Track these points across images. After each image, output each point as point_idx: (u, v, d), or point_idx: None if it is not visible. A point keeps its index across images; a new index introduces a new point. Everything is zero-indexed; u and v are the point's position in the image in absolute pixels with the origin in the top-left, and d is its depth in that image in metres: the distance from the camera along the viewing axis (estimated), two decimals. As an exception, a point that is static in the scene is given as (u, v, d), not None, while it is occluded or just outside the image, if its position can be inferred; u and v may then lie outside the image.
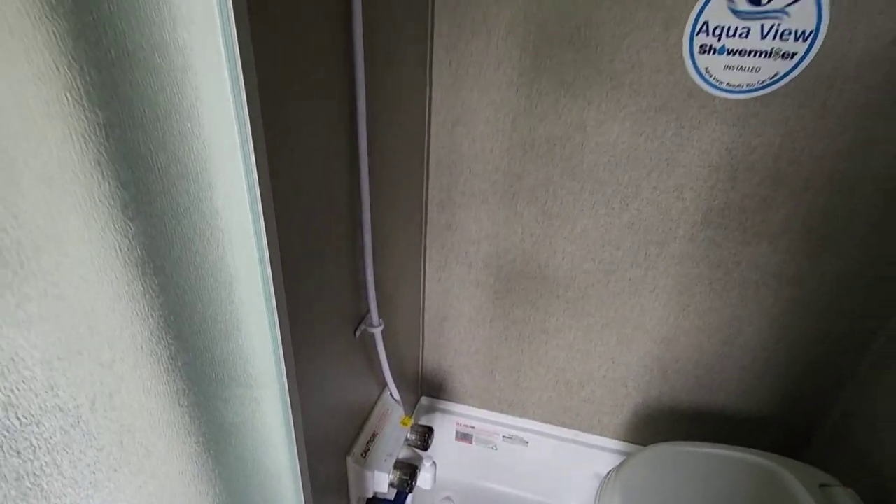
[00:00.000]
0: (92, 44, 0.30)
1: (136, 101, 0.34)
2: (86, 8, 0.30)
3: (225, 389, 0.44)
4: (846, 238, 0.94)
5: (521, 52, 0.93)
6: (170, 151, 0.36)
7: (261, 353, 0.44)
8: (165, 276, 0.38)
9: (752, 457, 1.00)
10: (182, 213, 0.37)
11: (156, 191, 0.36)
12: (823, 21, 0.79)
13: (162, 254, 0.36)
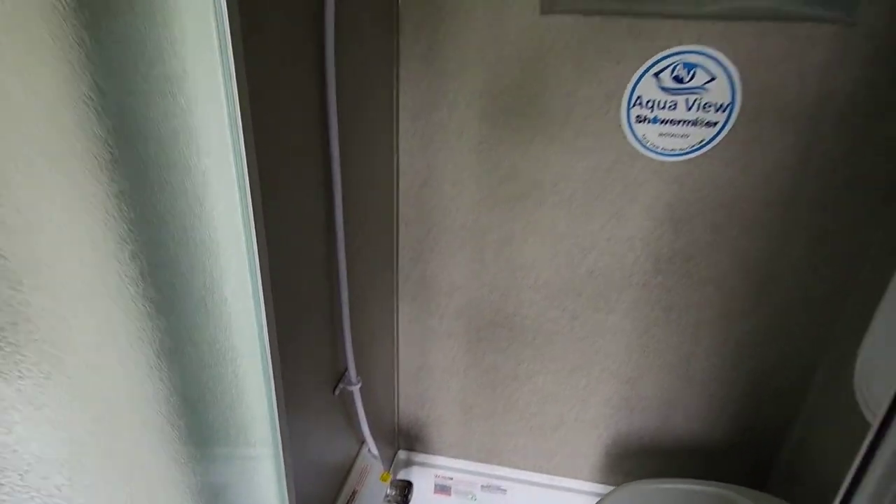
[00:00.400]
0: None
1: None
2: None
3: (223, 449, 0.47)
4: (781, 278, 1.04)
5: (481, 121, 1.03)
6: (181, 241, 0.40)
7: (258, 416, 0.47)
8: (182, 354, 0.41)
9: (715, 489, 1.05)
10: (198, 306, 0.41)
11: (172, 284, 0.41)
12: (737, 95, 0.91)
13: (177, 338, 0.40)
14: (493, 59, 0.97)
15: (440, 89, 1.01)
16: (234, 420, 0.47)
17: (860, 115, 0.89)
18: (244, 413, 0.47)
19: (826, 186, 0.95)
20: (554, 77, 0.96)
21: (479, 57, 0.98)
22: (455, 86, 1.01)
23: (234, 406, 0.46)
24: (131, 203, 0.35)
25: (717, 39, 0.89)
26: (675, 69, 0.93)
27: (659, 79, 0.94)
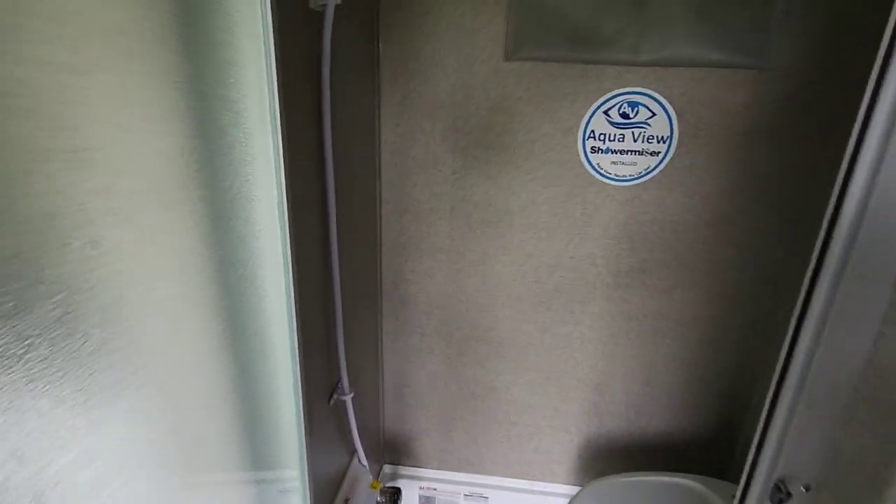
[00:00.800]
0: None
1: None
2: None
3: (267, 473, 0.54)
4: (723, 288, 1.17)
5: (454, 154, 1.14)
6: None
7: (290, 441, 0.55)
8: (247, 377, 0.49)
9: (679, 480, 1.15)
10: (257, 359, 0.49)
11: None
12: (675, 129, 1.05)
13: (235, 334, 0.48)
14: (464, 99, 1.09)
15: (417, 127, 1.13)
16: (271, 445, 0.54)
17: (777, 144, 1.04)
18: (280, 437, 0.55)
19: (754, 209, 1.09)
20: (518, 115, 1.09)
21: (450, 98, 1.10)
22: (430, 124, 1.12)
23: (273, 429, 0.54)
24: (209, 207, 0.42)
25: (655, 82, 1.03)
26: (621, 107, 1.06)
27: (608, 115, 1.07)
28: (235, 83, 0.37)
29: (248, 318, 0.49)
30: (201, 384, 0.44)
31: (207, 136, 0.35)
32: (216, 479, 0.47)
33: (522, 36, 1.02)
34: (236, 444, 0.52)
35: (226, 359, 0.47)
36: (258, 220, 0.45)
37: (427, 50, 1.07)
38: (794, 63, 0.99)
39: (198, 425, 0.44)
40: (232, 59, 0.36)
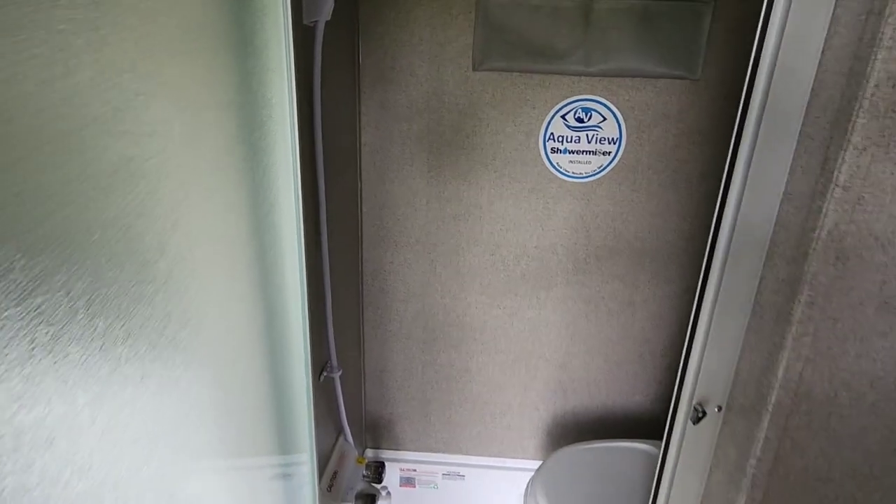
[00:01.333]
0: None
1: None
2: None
3: (284, 458, 0.63)
4: (668, 270, 1.33)
5: (429, 154, 1.26)
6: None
7: (303, 423, 0.64)
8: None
9: (636, 445, 1.29)
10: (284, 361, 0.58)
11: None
12: (623, 132, 1.20)
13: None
14: (437, 105, 1.22)
15: (395, 129, 1.24)
16: (286, 428, 0.63)
17: (707, 143, 1.20)
18: (294, 420, 0.64)
19: (689, 199, 1.25)
20: (485, 119, 1.22)
21: (425, 104, 1.22)
22: (407, 126, 1.24)
23: (291, 419, 0.63)
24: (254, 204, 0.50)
25: (604, 91, 1.18)
26: (576, 112, 1.21)
27: (565, 119, 1.21)
28: (270, 83, 0.47)
29: (274, 301, 0.58)
30: (241, 366, 0.52)
31: (251, 128, 0.45)
32: (245, 463, 0.54)
33: (488, 49, 1.15)
34: (264, 424, 0.60)
35: (258, 340, 0.56)
36: (281, 208, 0.55)
37: (403, 60, 1.19)
38: (719, 75, 1.15)
39: (237, 409, 0.52)
40: (267, 66, 0.46)
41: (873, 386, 0.53)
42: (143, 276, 0.30)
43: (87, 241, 0.25)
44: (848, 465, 0.57)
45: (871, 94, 0.44)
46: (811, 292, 0.50)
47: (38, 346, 0.23)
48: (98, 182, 0.26)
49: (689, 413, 0.65)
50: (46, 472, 0.24)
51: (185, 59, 0.34)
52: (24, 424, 0.23)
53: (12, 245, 0.21)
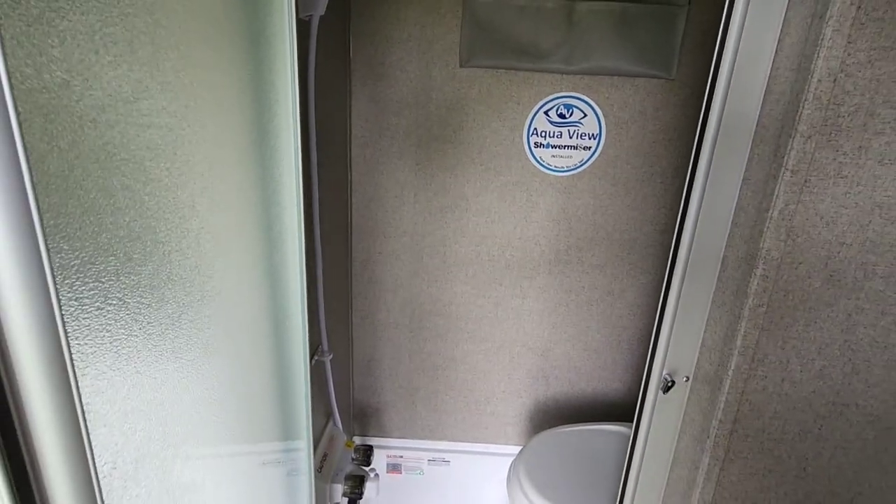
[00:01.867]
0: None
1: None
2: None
3: (284, 444, 0.66)
4: (643, 261, 1.39)
5: (417, 147, 1.30)
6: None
7: (299, 413, 0.67)
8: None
9: (613, 427, 1.35)
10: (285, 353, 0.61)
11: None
12: (603, 128, 1.26)
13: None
14: (425, 100, 1.26)
15: (384, 123, 1.28)
16: (293, 424, 0.67)
17: (681, 140, 1.27)
18: (295, 407, 0.67)
19: (665, 193, 1.32)
20: (471, 114, 1.27)
21: (413, 99, 1.26)
22: (395, 121, 1.28)
23: (293, 412, 0.66)
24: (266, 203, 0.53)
25: (585, 88, 1.24)
26: (558, 109, 1.26)
27: (548, 115, 1.27)
28: (277, 71, 0.50)
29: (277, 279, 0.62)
30: (251, 351, 0.55)
31: (261, 110, 0.48)
32: (246, 447, 0.57)
33: (474, 47, 1.20)
34: (265, 405, 0.63)
35: (266, 326, 0.59)
36: (283, 187, 0.59)
37: (392, 56, 1.23)
38: (692, 74, 1.22)
39: (246, 394, 0.55)
40: (274, 56, 0.50)
41: (820, 353, 0.59)
42: (182, 229, 0.34)
43: (143, 190, 0.29)
44: (799, 426, 0.63)
45: (815, 87, 0.50)
46: (765, 266, 0.56)
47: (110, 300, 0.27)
48: (149, 145, 0.30)
49: (660, 383, 0.71)
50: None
51: (213, 49, 0.38)
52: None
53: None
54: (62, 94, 0.22)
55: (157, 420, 0.32)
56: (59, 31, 0.22)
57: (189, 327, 0.36)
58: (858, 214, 0.54)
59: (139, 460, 0.30)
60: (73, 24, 0.22)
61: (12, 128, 0.18)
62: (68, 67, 0.22)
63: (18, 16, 0.19)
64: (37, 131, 0.20)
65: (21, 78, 0.19)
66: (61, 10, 0.22)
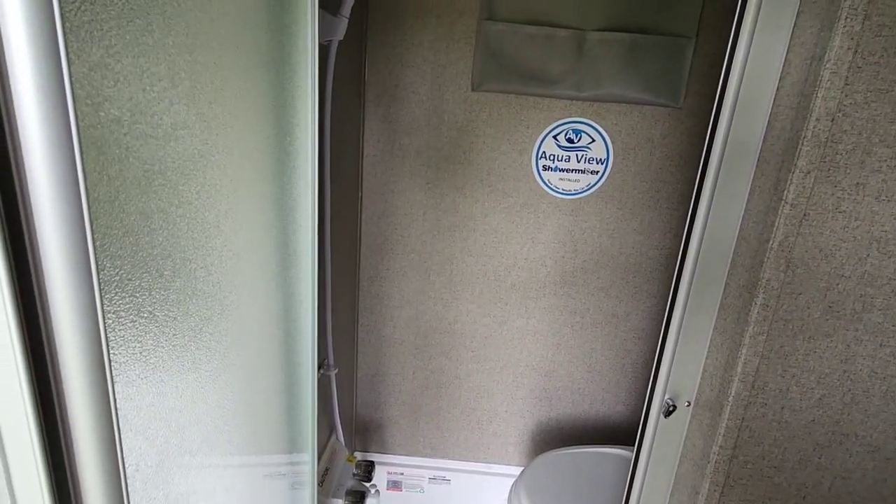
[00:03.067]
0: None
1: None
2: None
3: (290, 457, 0.68)
4: (649, 285, 1.40)
5: (427, 167, 1.33)
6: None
7: (305, 426, 0.69)
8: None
9: (615, 450, 1.35)
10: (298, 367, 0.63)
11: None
12: (610, 153, 1.29)
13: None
14: (436, 122, 1.29)
15: (396, 143, 1.31)
16: (299, 438, 0.68)
17: (688, 167, 1.29)
18: (302, 419, 0.69)
19: (671, 218, 1.33)
20: (481, 136, 1.29)
21: (425, 120, 1.29)
22: (407, 141, 1.31)
23: (301, 430, 0.68)
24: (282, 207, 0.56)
25: (594, 114, 1.26)
26: (567, 133, 1.29)
27: (557, 139, 1.29)
28: (298, 97, 0.53)
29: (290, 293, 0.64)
30: (262, 364, 0.57)
31: (283, 134, 0.51)
32: (253, 458, 0.59)
33: (486, 72, 1.24)
34: (273, 417, 0.64)
35: (277, 339, 0.61)
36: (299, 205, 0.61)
37: (406, 79, 1.27)
38: (700, 104, 1.24)
39: (256, 405, 0.57)
40: (296, 82, 0.53)
41: (820, 382, 0.60)
42: (207, 247, 0.36)
43: (176, 212, 0.32)
44: (799, 454, 0.63)
45: (814, 126, 0.52)
46: (765, 296, 0.57)
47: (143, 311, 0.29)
48: (182, 171, 0.32)
49: (662, 408, 0.71)
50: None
51: (242, 80, 0.41)
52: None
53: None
54: (113, 128, 0.24)
55: (175, 427, 0.34)
56: (114, 73, 0.24)
57: (209, 339, 0.38)
58: (856, 248, 0.55)
59: (159, 464, 0.32)
60: (126, 66, 0.25)
61: (76, 162, 0.21)
62: (119, 105, 0.25)
63: (82, 61, 0.22)
64: (91, 163, 0.22)
65: (81, 116, 0.21)
66: (117, 55, 0.24)
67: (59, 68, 0.19)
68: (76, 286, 0.22)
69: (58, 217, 0.20)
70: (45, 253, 0.21)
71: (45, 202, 0.20)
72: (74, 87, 0.20)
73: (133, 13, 0.25)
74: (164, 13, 0.28)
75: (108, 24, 0.23)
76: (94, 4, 0.22)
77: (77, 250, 0.21)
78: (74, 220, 0.21)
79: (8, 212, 0.20)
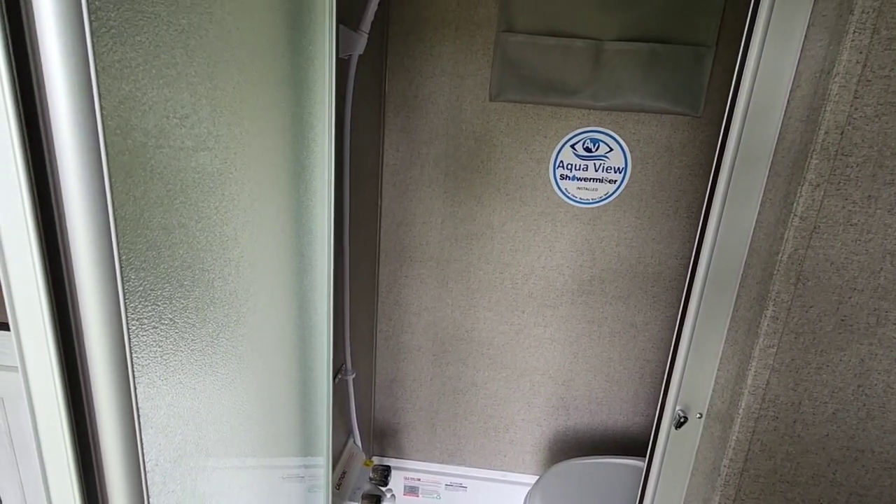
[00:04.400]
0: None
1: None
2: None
3: (305, 460, 0.70)
4: (668, 294, 1.39)
5: (445, 176, 1.35)
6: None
7: (320, 430, 0.72)
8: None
9: (631, 461, 1.34)
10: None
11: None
12: (629, 162, 1.28)
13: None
14: (455, 131, 1.31)
15: (415, 152, 1.34)
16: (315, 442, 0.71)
17: (707, 176, 1.27)
18: (317, 423, 0.71)
19: (690, 228, 1.32)
20: (499, 146, 1.31)
21: (444, 130, 1.32)
22: (426, 150, 1.33)
23: (316, 432, 0.70)
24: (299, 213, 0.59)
25: (612, 123, 1.27)
26: (585, 142, 1.29)
27: (574, 149, 1.30)
28: (316, 113, 0.56)
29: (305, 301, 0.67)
30: (279, 368, 0.60)
31: (300, 149, 0.54)
32: (271, 461, 0.61)
33: (504, 82, 1.25)
34: (290, 421, 0.67)
35: (294, 345, 0.64)
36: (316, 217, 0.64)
37: (425, 90, 1.29)
38: (719, 112, 1.23)
39: (272, 408, 0.59)
40: (314, 99, 0.55)
41: (833, 396, 0.60)
42: (225, 258, 0.39)
43: (196, 226, 0.34)
44: (813, 469, 0.62)
45: (823, 139, 0.52)
46: (775, 308, 0.57)
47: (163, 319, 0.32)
48: (202, 188, 0.35)
49: (673, 419, 0.71)
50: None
51: (261, 102, 0.43)
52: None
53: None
54: (139, 154, 0.27)
55: (193, 426, 0.37)
56: (141, 104, 0.27)
57: (226, 345, 0.40)
58: (869, 261, 0.54)
59: (176, 460, 0.34)
60: (151, 97, 0.27)
61: (105, 187, 0.23)
62: (145, 132, 0.27)
63: (113, 96, 0.24)
64: (119, 186, 0.25)
65: (111, 144, 0.24)
66: (144, 87, 0.27)
67: (92, 104, 0.22)
68: (104, 296, 0.24)
69: (88, 235, 0.23)
70: (77, 266, 0.23)
71: (78, 221, 0.23)
72: (105, 120, 0.23)
73: (159, 49, 0.28)
74: (187, 47, 0.30)
75: (136, 61, 0.26)
76: (123, 45, 0.25)
77: (105, 264, 0.24)
78: (103, 238, 0.23)
79: (47, 231, 0.22)
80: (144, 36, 0.26)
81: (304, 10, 0.51)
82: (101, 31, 0.23)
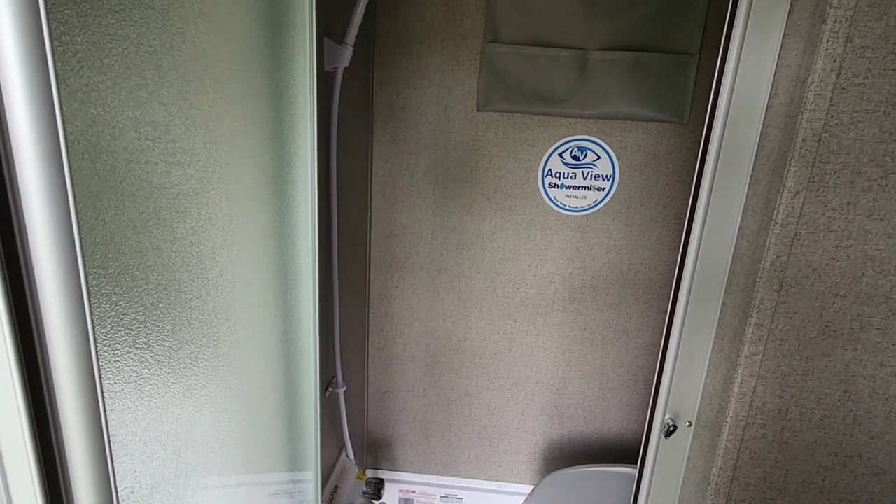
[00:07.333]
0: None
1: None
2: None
3: (293, 475, 0.70)
4: (659, 300, 1.39)
5: (434, 186, 1.35)
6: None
7: (309, 445, 0.71)
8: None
9: (626, 469, 1.33)
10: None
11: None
12: (616, 169, 1.29)
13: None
14: (443, 141, 1.32)
15: (404, 163, 1.34)
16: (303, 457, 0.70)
17: (692, 182, 1.28)
18: (310, 450, 0.71)
19: (679, 234, 1.33)
20: (487, 155, 1.31)
21: (432, 140, 1.32)
22: (415, 161, 1.34)
23: (305, 447, 0.70)
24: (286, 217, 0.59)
25: (599, 132, 1.28)
26: (573, 151, 1.30)
27: (562, 157, 1.31)
28: (297, 128, 0.56)
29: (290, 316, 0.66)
30: (263, 386, 0.59)
31: (280, 164, 0.54)
32: (256, 477, 0.60)
33: (491, 93, 1.26)
34: (275, 436, 0.66)
35: (275, 355, 0.64)
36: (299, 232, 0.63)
37: (413, 101, 1.30)
38: (702, 120, 1.24)
39: (256, 426, 0.59)
40: (295, 113, 0.55)
41: (820, 402, 0.60)
42: (202, 278, 0.38)
43: (171, 248, 0.34)
44: (802, 476, 0.62)
45: (801, 147, 0.52)
46: (759, 315, 0.58)
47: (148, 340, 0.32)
48: (177, 209, 0.35)
49: (663, 428, 0.71)
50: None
51: (240, 119, 0.43)
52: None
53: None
54: (109, 178, 0.27)
55: (171, 450, 0.36)
56: (110, 127, 0.26)
57: (205, 366, 0.40)
58: (850, 267, 0.55)
59: (154, 486, 0.34)
60: (122, 119, 0.27)
61: (70, 213, 0.23)
62: (115, 155, 0.27)
63: (80, 119, 0.24)
64: (87, 211, 0.25)
65: (77, 169, 0.24)
66: (114, 110, 0.27)
67: (55, 129, 0.22)
68: (70, 323, 0.24)
69: (53, 261, 0.23)
70: (42, 294, 0.23)
71: (42, 247, 0.22)
72: (71, 145, 0.23)
73: (129, 71, 0.28)
74: (160, 67, 0.30)
75: (105, 84, 0.26)
76: (91, 69, 0.25)
77: (72, 291, 0.23)
78: (69, 264, 0.23)
79: (8, 257, 0.22)
80: (114, 59, 0.26)
81: (283, 25, 0.51)
82: (67, 56, 0.22)
